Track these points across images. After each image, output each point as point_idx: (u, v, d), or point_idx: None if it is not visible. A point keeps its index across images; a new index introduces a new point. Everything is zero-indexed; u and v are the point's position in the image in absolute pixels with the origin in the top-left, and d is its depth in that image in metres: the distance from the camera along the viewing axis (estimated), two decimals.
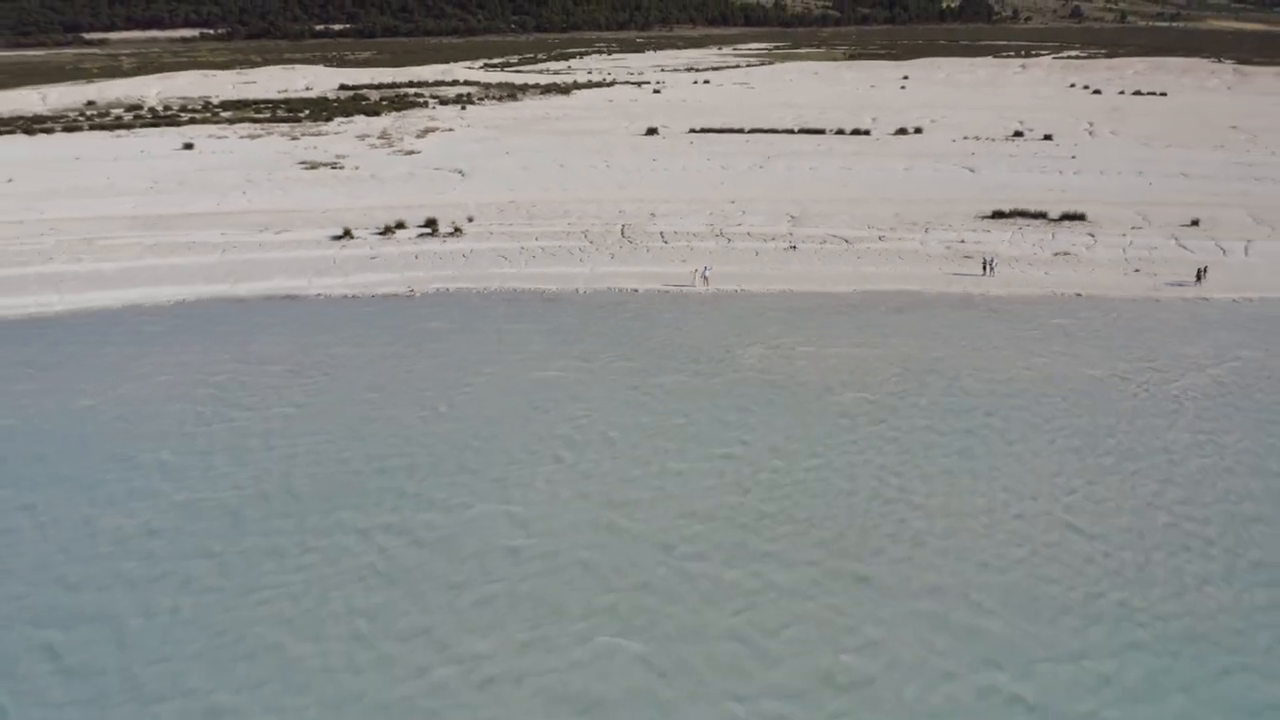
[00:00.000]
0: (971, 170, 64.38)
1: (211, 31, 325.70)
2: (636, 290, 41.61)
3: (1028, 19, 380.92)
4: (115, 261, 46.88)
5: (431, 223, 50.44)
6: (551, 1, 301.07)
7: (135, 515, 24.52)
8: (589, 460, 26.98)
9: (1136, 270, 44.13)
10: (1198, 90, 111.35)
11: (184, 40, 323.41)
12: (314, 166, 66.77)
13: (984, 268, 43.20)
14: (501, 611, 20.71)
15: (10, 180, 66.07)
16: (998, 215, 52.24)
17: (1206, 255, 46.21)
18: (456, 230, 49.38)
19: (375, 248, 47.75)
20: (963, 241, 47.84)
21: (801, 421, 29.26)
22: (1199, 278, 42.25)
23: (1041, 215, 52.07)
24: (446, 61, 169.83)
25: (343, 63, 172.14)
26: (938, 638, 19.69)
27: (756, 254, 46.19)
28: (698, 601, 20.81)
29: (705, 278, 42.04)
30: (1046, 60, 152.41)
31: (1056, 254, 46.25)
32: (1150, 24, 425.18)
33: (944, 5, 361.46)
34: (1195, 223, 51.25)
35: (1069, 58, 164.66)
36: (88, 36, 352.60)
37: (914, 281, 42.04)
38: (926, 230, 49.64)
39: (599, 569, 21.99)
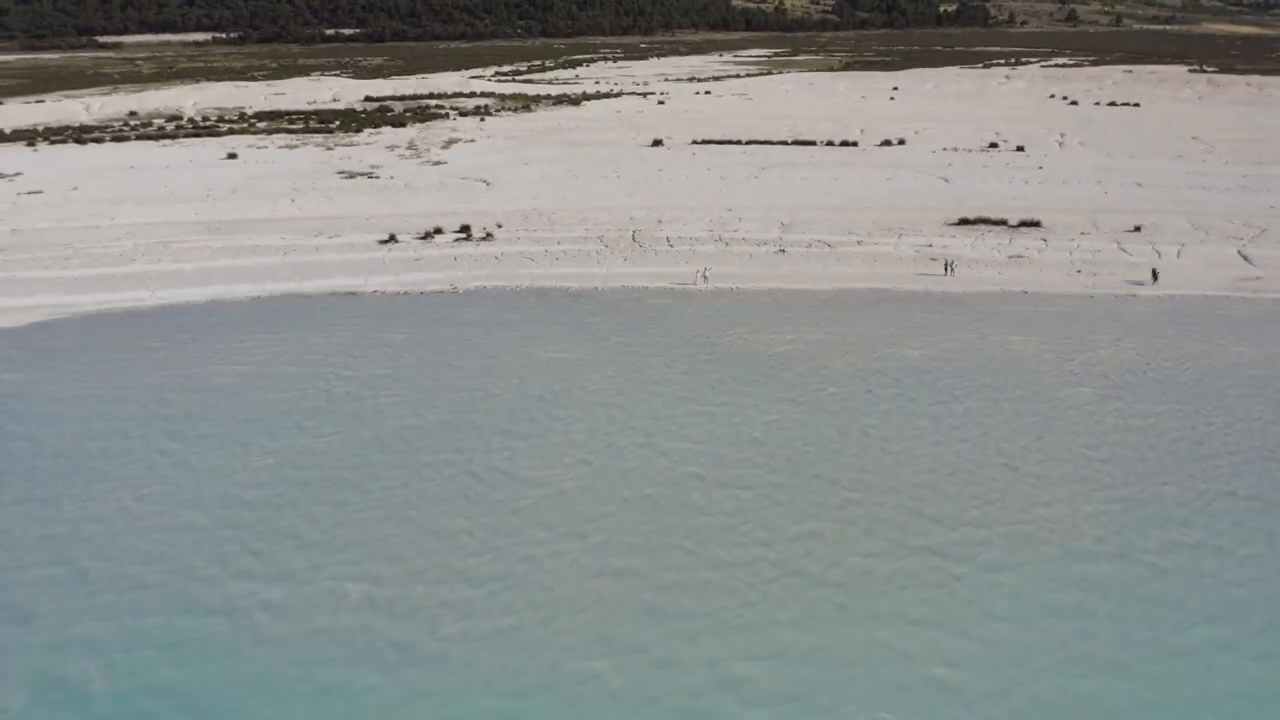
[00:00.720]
0: (946, 180, 71.29)
1: (224, 35, 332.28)
2: (647, 288, 48.55)
3: (1023, 23, 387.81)
4: (191, 263, 53.84)
5: (465, 228, 57.40)
6: (557, 7, 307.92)
7: (289, 452, 31.44)
8: (612, 410, 34.02)
9: (1079, 271, 51.05)
10: (1170, 100, 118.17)
11: (197, 44, 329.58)
12: (352, 176, 73.73)
13: (945, 269, 50.14)
14: (572, 497, 28.38)
15: (76, 188, 73.04)
16: (964, 222, 59.16)
17: (1144, 258, 53.13)
18: (488, 235, 56.35)
19: (418, 251, 54.72)
20: (930, 245, 54.77)
21: (772, 384, 36.33)
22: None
23: (1002, 222, 59.01)
24: (458, 69, 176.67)
25: (357, 69, 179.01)
26: (858, 511, 26.57)
27: (750, 256, 53.14)
28: (692, 473, 27.69)
29: (705, 277, 48.97)
30: (1032, 69, 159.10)
31: (1011, 257, 53.20)
32: (1145, 27, 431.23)
33: (941, 10, 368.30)
34: (1138, 229, 58.19)
35: (1056, 66, 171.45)
36: (101, 40, 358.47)
37: (884, 281, 49.00)
38: (899, 236, 56.59)
39: (627, 472, 28.95)
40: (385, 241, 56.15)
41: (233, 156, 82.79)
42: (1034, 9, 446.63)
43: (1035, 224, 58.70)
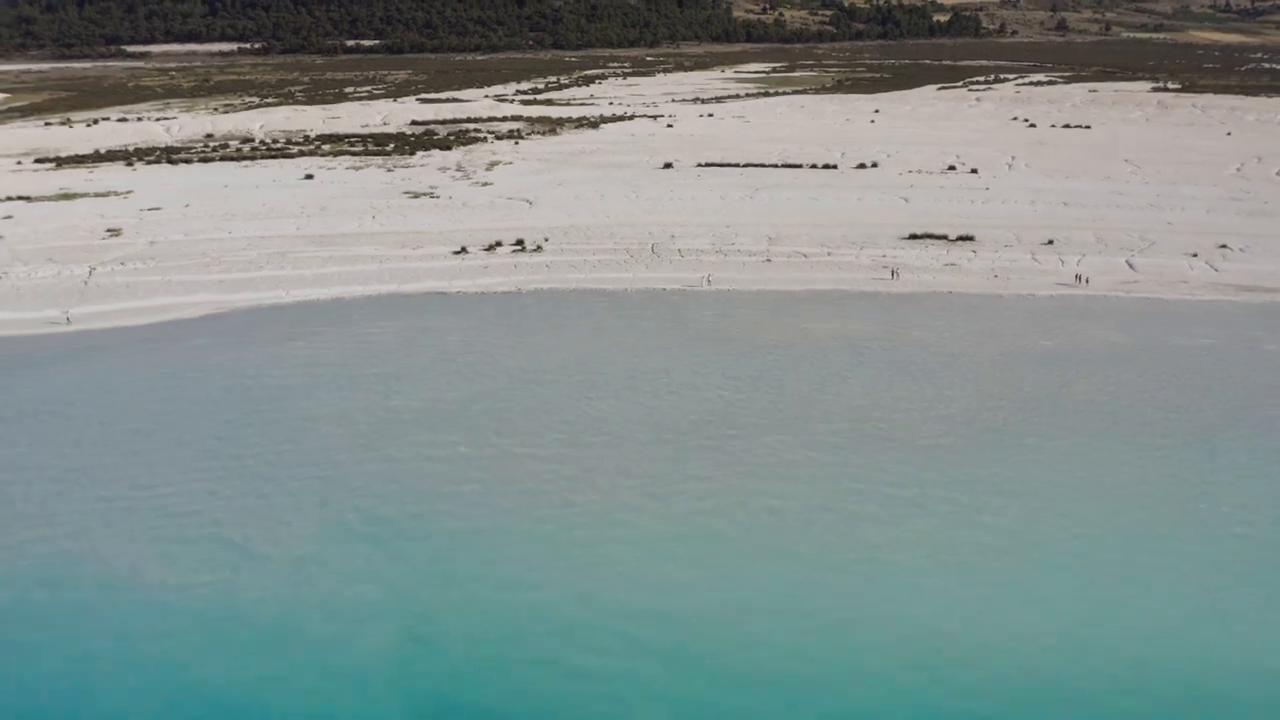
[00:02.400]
0: (906, 200, 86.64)
1: (248, 46, 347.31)
2: (664, 289, 63.97)
3: (1014, 32, 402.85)
4: (309, 269, 69.25)
5: (520, 242, 72.84)
6: (567, 20, 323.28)
7: (449, 385, 46.81)
8: (640, 368, 49.41)
9: (995, 277, 66.42)
10: (1120, 122, 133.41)
11: (223, 54, 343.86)
12: (416, 196, 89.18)
13: (892, 275, 65.51)
14: (628, 409, 43.66)
15: (188, 205, 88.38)
16: (914, 237, 74.50)
17: (1050, 266, 68.44)
18: (539, 247, 71.81)
19: (484, 260, 70.18)
20: (884, 256, 70.15)
21: (753, 352, 51.86)
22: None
23: (944, 237, 74.33)
24: (481, 85, 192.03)
25: (388, 87, 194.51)
26: (803, 436, 41.83)
27: (744, 265, 68.55)
28: (699, 396, 42.99)
29: (709, 281, 64.37)
30: (1006, 89, 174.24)
31: (946, 265, 68.60)
32: (1133, 36, 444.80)
33: (934, 20, 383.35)
34: (1051, 242, 73.51)
35: (1029, 84, 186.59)
36: (129, 49, 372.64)
37: (844, 284, 64.38)
38: (861, 248, 71.99)
39: (658, 396, 44.30)
40: (457, 253, 71.57)
41: (309, 177, 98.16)
42: (1025, 18, 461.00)
43: (970, 238, 74.06)
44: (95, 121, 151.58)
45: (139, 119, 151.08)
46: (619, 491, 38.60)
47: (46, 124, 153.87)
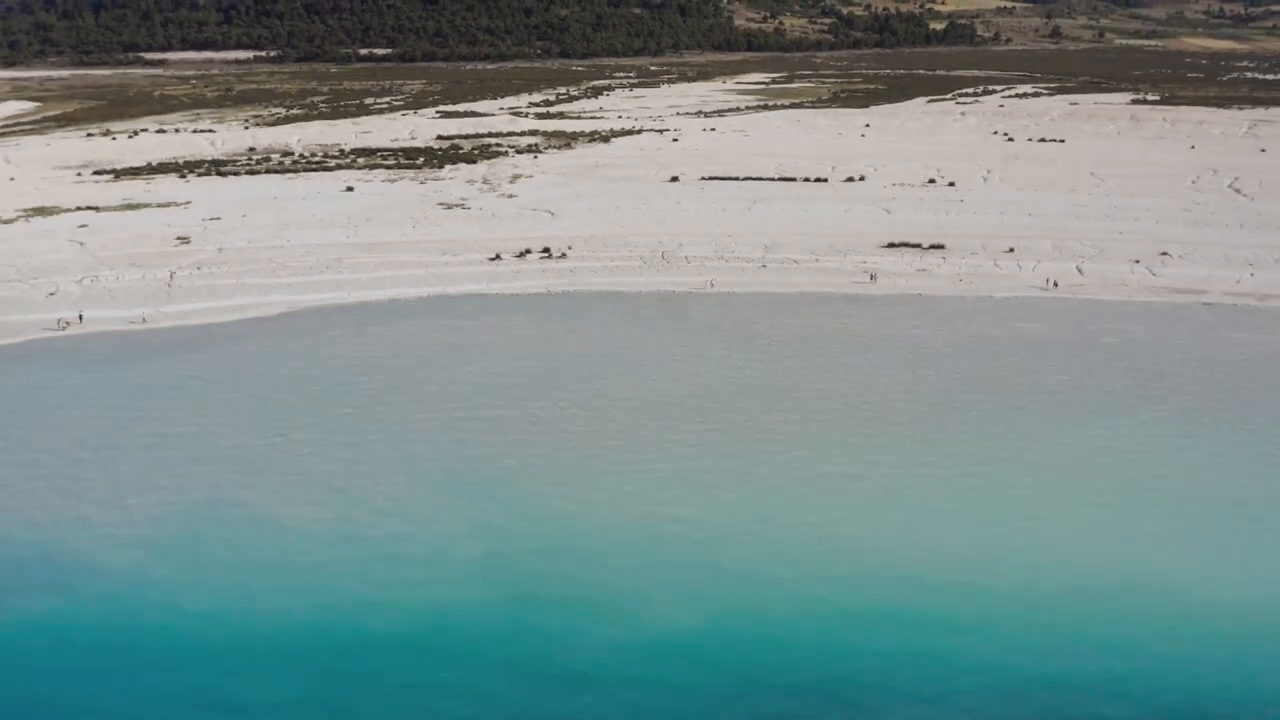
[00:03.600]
0: (888, 211, 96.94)
1: (264, 54, 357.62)
2: (674, 291, 74.24)
3: (1008, 40, 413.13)
4: (364, 273, 79.52)
5: (546, 249, 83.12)
6: (573, 29, 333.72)
7: (497, 366, 57.03)
8: (656, 353, 59.67)
9: (960, 281, 76.67)
10: (1092, 136, 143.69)
11: (239, 62, 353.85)
12: (450, 207, 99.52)
13: (870, 278, 75.77)
14: (641, 388, 53.62)
15: (245, 215, 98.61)
16: (891, 245, 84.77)
17: (1009, 271, 78.69)
18: (563, 255, 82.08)
19: (516, 266, 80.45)
20: (865, 262, 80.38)
21: (747, 342, 62.14)
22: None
23: (918, 245, 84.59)
24: (495, 96, 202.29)
25: (407, 98, 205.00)
26: (790, 410, 52.04)
27: (742, 270, 78.85)
28: (701, 378, 53.14)
29: (712, 284, 74.63)
30: (991, 103, 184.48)
31: (918, 270, 78.86)
32: (1125, 43, 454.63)
33: (930, 28, 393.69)
34: (1012, 250, 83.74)
35: (1015, 96, 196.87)
36: (146, 57, 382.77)
37: (828, 286, 74.66)
38: (845, 255, 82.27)
39: (666, 378, 54.49)
40: (492, 259, 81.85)
41: (350, 189, 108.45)
42: (1020, 25, 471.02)
43: (941, 246, 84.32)
44: (135, 133, 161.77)
45: (176, 130, 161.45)
46: (645, 435, 49.69)
47: (89, 135, 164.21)
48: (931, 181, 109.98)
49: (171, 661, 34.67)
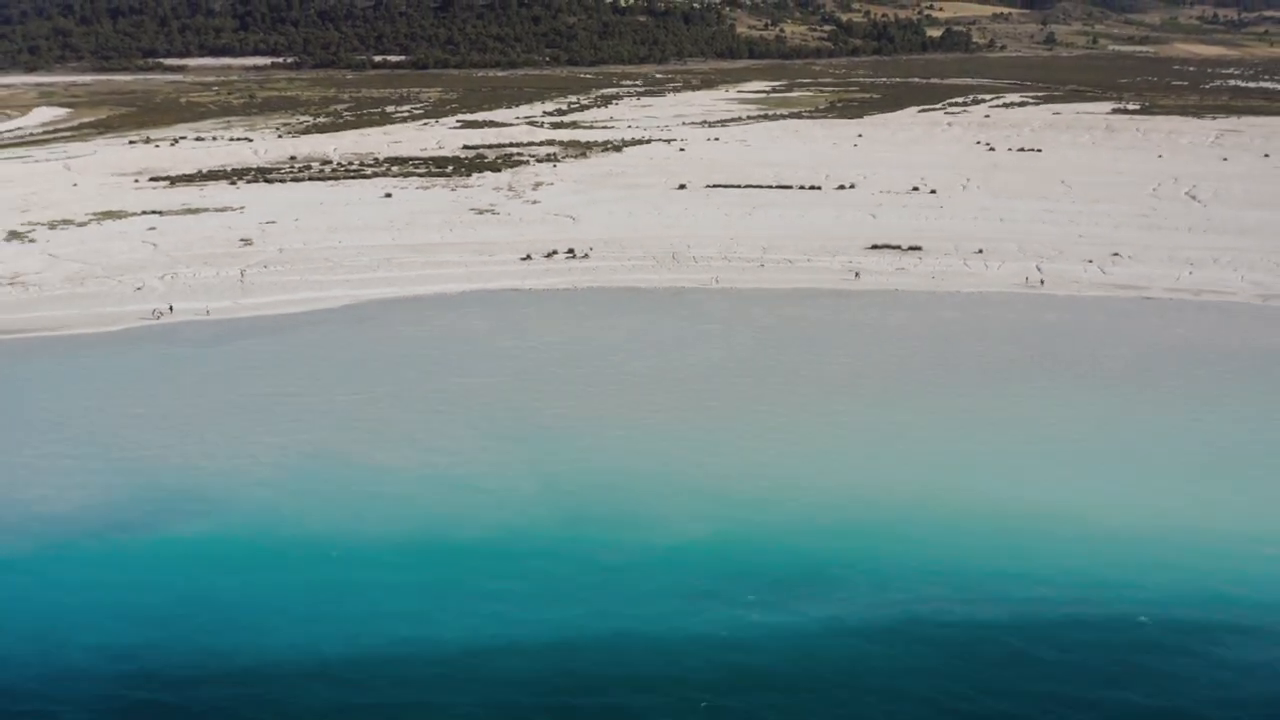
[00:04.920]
0: (874, 216, 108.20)
1: (281, 60, 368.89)
2: (683, 287, 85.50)
3: (1003, 47, 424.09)
4: (411, 271, 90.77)
5: (571, 250, 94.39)
6: (580, 37, 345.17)
7: (539, 343, 68.29)
8: (664, 337, 70.91)
9: (933, 278, 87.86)
10: (1069, 146, 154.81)
11: (257, 69, 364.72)
12: (481, 212, 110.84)
13: (855, 276, 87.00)
14: (656, 365, 64.84)
15: (297, 219, 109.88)
16: (875, 247, 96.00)
17: (977, 270, 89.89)
18: (586, 255, 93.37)
19: (545, 265, 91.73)
20: (851, 262, 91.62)
21: (748, 328, 73.39)
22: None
23: (898, 247, 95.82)
24: (509, 105, 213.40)
25: (420, 103, 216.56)
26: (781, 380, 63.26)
27: (743, 268, 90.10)
28: (707, 357, 64.35)
29: (717, 281, 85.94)
30: (978, 113, 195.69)
31: (896, 269, 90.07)
32: (1118, 49, 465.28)
33: (927, 36, 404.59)
34: (981, 251, 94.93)
35: (1002, 105, 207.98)
36: (167, 63, 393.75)
37: (818, 283, 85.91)
38: (834, 255, 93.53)
39: (678, 357, 65.74)
40: (524, 259, 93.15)
41: (388, 196, 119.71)
42: (1015, 31, 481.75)
43: (918, 248, 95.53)
44: (176, 141, 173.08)
45: (214, 139, 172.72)
46: (661, 396, 61.26)
47: (131, 142, 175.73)
48: (915, 189, 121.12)
49: (303, 562, 45.85)
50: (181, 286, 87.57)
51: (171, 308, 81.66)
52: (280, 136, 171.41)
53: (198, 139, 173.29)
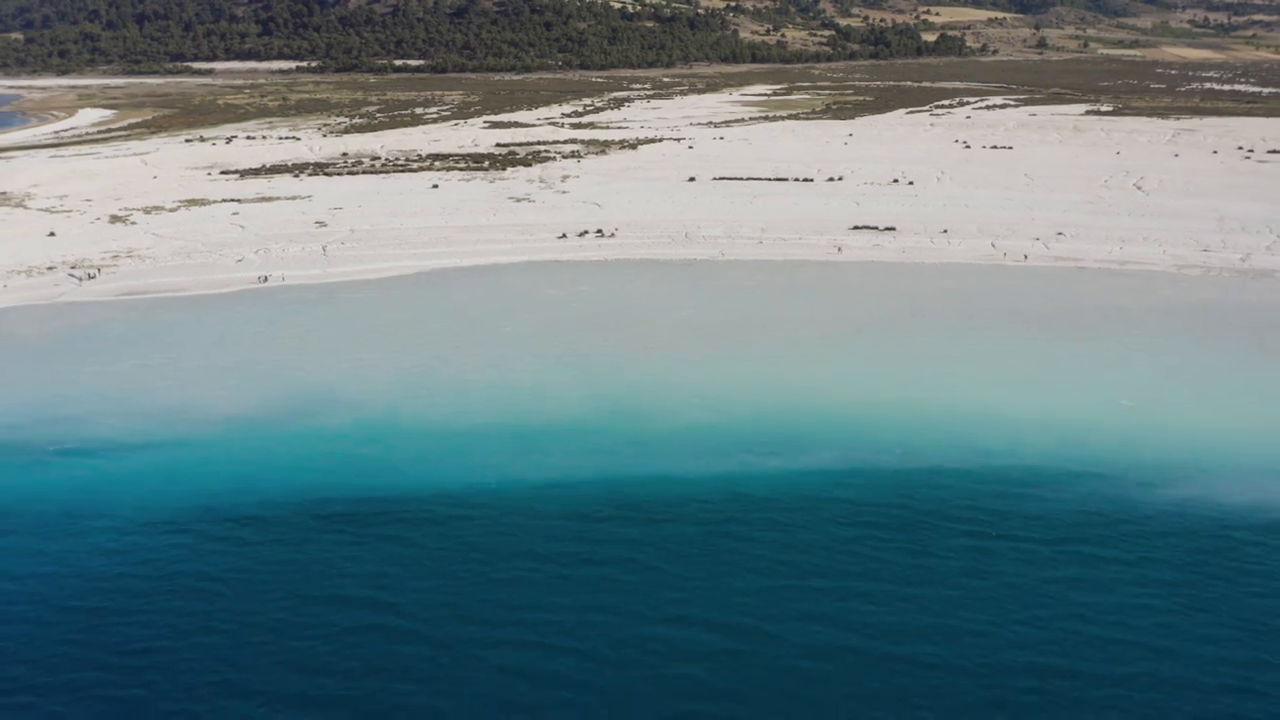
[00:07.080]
0: (858, 204, 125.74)
1: (305, 65, 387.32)
2: (694, 259, 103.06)
3: (995, 51, 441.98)
4: (467, 246, 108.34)
5: (599, 230, 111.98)
6: (591, 42, 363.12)
7: (576, 300, 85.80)
8: (680, 297, 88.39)
9: (903, 252, 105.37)
10: (1038, 144, 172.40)
11: (283, 73, 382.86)
12: (518, 200, 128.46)
13: (838, 250, 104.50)
14: (675, 316, 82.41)
15: (360, 206, 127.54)
16: (856, 228, 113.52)
17: (941, 246, 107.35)
18: (612, 234, 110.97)
19: (579, 242, 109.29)
20: (836, 240, 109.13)
21: (748, 290, 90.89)
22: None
23: (875, 228, 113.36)
24: (529, 107, 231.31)
25: (445, 104, 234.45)
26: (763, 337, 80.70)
27: (745, 245, 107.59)
28: (715, 308, 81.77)
29: (723, 254, 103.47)
30: (961, 114, 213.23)
31: (873, 245, 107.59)
32: (1108, 52, 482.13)
33: (923, 40, 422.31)
34: (945, 231, 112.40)
35: (984, 108, 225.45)
36: (195, 66, 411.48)
37: (808, 255, 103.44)
38: (821, 234, 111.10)
39: (691, 310, 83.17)
40: (560, 238, 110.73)
41: (435, 187, 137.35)
42: (1009, 35, 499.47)
43: (893, 229, 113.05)
44: (229, 139, 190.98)
45: (263, 137, 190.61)
46: (679, 339, 78.06)
47: (188, 140, 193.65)
48: (895, 181, 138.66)
49: (420, 436, 63.26)
50: (275, 259, 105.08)
51: (270, 276, 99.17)
52: (325, 135, 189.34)
53: (248, 138, 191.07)
